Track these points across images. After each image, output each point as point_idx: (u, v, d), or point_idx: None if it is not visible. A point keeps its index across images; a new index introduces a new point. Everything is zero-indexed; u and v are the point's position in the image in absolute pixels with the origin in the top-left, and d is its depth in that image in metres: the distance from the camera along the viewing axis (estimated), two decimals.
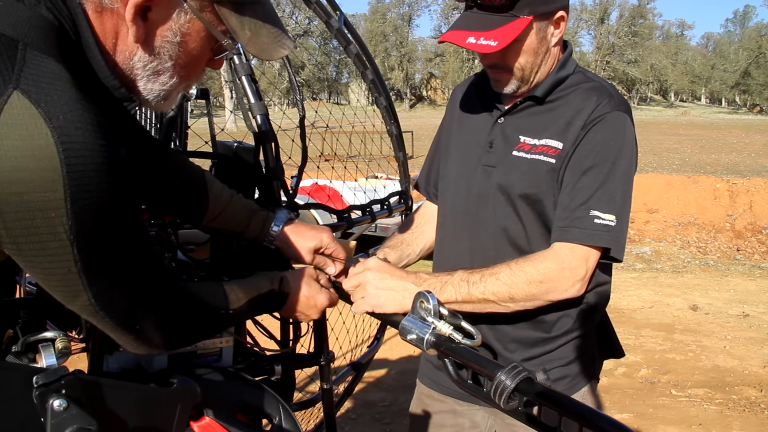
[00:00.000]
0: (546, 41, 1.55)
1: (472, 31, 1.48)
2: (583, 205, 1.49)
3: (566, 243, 1.50)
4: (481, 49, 1.46)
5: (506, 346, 1.66)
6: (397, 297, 1.46)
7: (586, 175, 1.51)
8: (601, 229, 1.48)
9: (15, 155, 0.75)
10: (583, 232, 1.48)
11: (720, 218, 13.02)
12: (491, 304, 1.49)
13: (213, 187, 1.48)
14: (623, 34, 60.64)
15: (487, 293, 1.47)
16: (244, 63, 1.83)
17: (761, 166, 18.24)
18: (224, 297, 1.22)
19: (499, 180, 1.62)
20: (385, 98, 2.57)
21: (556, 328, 1.64)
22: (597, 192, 1.49)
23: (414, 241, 1.89)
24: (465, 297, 1.47)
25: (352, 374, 2.67)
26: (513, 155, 1.60)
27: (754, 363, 5.64)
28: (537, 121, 1.61)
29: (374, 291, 1.48)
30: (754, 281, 9.19)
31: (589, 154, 1.51)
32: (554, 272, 1.48)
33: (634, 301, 7.68)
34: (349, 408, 4.42)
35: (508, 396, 1.08)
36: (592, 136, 1.52)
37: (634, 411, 4.58)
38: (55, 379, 0.81)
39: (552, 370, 1.65)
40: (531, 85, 1.61)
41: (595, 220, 1.48)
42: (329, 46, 55.75)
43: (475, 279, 1.48)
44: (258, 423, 1.43)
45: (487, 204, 1.64)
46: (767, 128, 35.21)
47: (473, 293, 1.47)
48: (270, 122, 1.81)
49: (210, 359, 1.57)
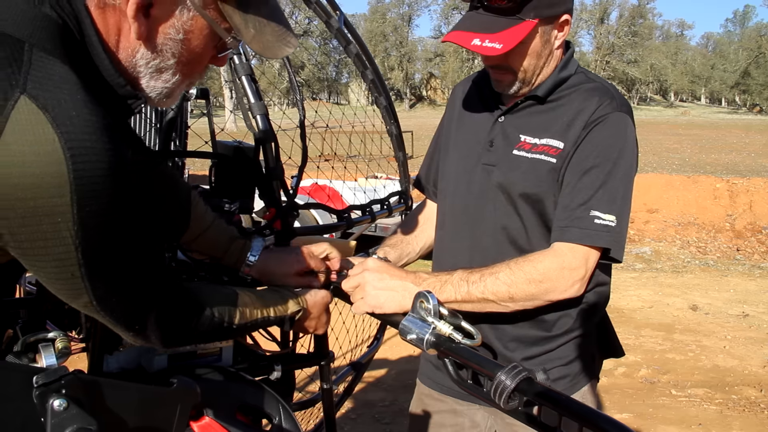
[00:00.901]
0: (550, 44, 1.56)
1: (477, 32, 1.47)
2: (583, 205, 1.49)
3: (566, 243, 1.50)
4: (486, 52, 1.46)
5: (506, 345, 1.66)
6: (396, 297, 1.46)
7: (587, 175, 1.51)
8: (602, 230, 1.48)
9: (22, 161, 0.75)
10: (584, 232, 1.48)
11: (720, 218, 13.02)
12: (491, 304, 1.48)
13: (197, 207, 1.47)
14: (623, 34, 60.63)
15: (487, 293, 1.47)
16: (244, 63, 1.83)
17: (761, 166, 18.24)
18: (233, 309, 1.21)
19: (500, 179, 1.62)
20: (384, 98, 2.57)
21: (556, 327, 1.64)
22: (597, 192, 1.49)
23: (414, 240, 1.89)
24: (464, 296, 1.47)
25: (352, 374, 2.67)
26: (513, 154, 1.60)
27: (753, 363, 5.64)
28: (538, 121, 1.61)
29: (373, 291, 1.47)
30: (754, 281, 9.19)
31: (590, 154, 1.51)
32: (554, 272, 1.47)
33: (634, 301, 7.69)
34: (349, 408, 4.42)
35: (508, 396, 1.08)
36: (594, 136, 1.52)
37: (634, 411, 4.58)
38: (55, 379, 0.81)
39: (552, 369, 1.65)
40: (532, 86, 1.61)
41: (596, 221, 1.48)
42: (329, 45, 55.78)
43: (474, 278, 1.48)
44: (258, 423, 1.43)
45: (487, 203, 1.64)
46: (767, 128, 35.21)
47: (473, 293, 1.47)
48: (270, 122, 1.81)
49: (210, 359, 1.57)
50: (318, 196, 7.20)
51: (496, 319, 1.62)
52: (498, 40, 1.45)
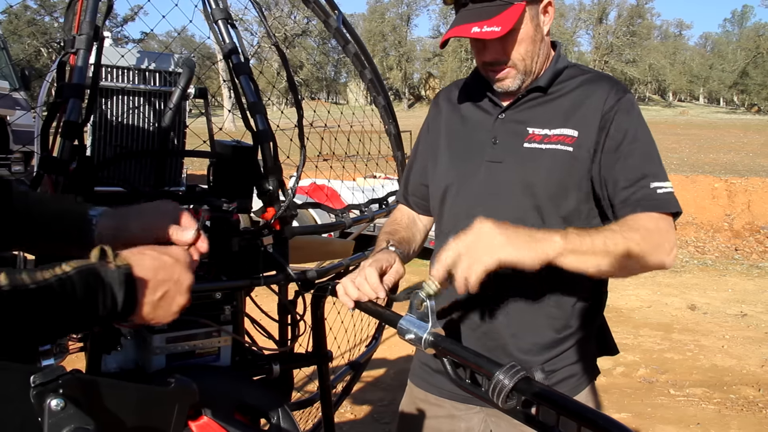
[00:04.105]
0: (540, 29, 1.59)
1: (474, 22, 1.50)
2: (642, 180, 1.51)
3: (646, 213, 1.49)
4: (487, 36, 1.48)
5: (526, 351, 1.65)
6: (531, 243, 1.33)
7: (631, 155, 1.53)
8: (668, 197, 1.50)
9: None
10: (655, 202, 1.49)
11: (718, 218, 13.04)
12: (607, 259, 1.40)
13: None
14: (621, 33, 60.64)
15: (609, 244, 1.39)
16: (242, 62, 1.83)
17: (759, 165, 18.26)
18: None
19: (513, 173, 1.61)
20: (383, 98, 2.58)
21: (567, 328, 1.65)
22: (647, 166, 1.52)
23: (413, 241, 1.87)
24: (590, 247, 1.38)
25: (350, 374, 2.67)
26: (525, 147, 1.60)
27: (752, 362, 5.65)
28: (543, 112, 1.62)
29: (499, 242, 1.30)
30: (752, 281, 9.20)
31: (626, 136, 1.54)
32: (654, 233, 1.46)
33: (632, 300, 7.70)
34: (348, 407, 4.42)
35: (507, 395, 1.08)
36: (620, 120, 1.55)
37: (632, 410, 4.59)
38: (53, 378, 0.80)
39: (561, 369, 1.67)
40: (534, 76, 1.63)
41: (658, 191, 1.50)
42: (328, 45, 55.75)
43: (592, 232, 1.41)
44: (256, 422, 1.43)
45: (498, 199, 1.62)
46: (765, 128, 35.23)
47: (596, 244, 1.38)
48: (268, 122, 1.81)
49: (208, 359, 1.57)
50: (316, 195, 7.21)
51: (516, 327, 1.63)
52: (495, 23, 1.48)
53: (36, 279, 0.85)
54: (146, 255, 1.01)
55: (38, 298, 0.85)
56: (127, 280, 0.96)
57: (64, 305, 0.89)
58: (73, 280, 0.89)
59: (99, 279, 0.93)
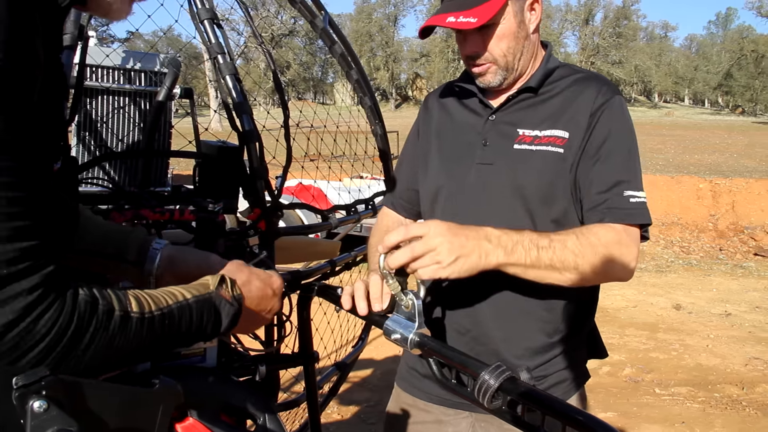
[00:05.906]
0: (525, 26, 1.57)
1: (451, 12, 1.50)
2: (616, 187, 1.49)
3: (613, 224, 1.48)
4: (461, 26, 1.48)
5: (519, 356, 1.63)
6: (473, 258, 1.33)
7: (609, 159, 1.51)
8: (640, 207, 1.49)
9: None
10: (625, 211, 1.48)
11: (703, 218, 13.15)
12: (554, 273, 1.42)
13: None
14: (608, 35, 60.99)
15: (555, 260, 1.40)
16: (228, 62, 1.82)
17: (743, 166, 18.41)
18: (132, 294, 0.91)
19: (503, 175, 1.59)
20: (369, 98, 2.57)
21: (558, 332, 1.64)
22: (624, 173, 1.51)
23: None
24: (533, 261, 1.39)
25: (336, 374, 2.67)
26: (515, 149, 1.58)
27: (736, 361, 5.69)
28: (534, 113, 1.60)
29: (449, 256, 1.31)
30: (737, 280, 9.28)
31: (607, 139, 1.52)
32: (614, 246, 1.45)
33: (618, 300, 7.74)
34: (334, 408, 4.41)
35: (492, 395, 1.08)
36: (604, 121, 1.53)
37: (618, 410, 4.61)
38: (36, 380, 0.79)
39: (553, 374, 1.65)
40: (516, 74, 1.61)
41: (631, 200, 1.49)
42: (314, 46, 55.65)
43: (543, 243, 1.40)
44: (242, 424, 1.42)
45: (489, 202, 1.61)
46: (749, 129, 35.57)
47: (542, 258, 1.40)
48: (254, 122, 1.80)
49: (194, 360, 1.57)
50: (303, 196, 7.20)
51: (507, 332, 1.62)
52: (472, 15, 1.47)
53: (160, 306, 0.92)
54: (253, 285, 1.12)
55: (159, 324, 0.91)
56: (236, 312, 1.05)
57: (178, 330, 0.95)
58: (191, 308, 0.97)
59: (214, 309, 1.01)
